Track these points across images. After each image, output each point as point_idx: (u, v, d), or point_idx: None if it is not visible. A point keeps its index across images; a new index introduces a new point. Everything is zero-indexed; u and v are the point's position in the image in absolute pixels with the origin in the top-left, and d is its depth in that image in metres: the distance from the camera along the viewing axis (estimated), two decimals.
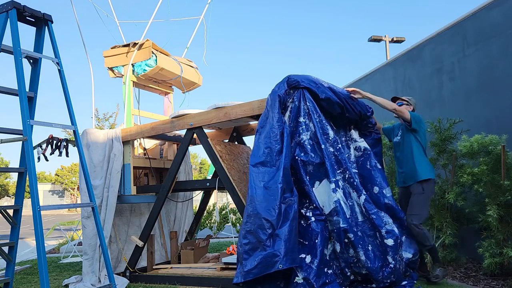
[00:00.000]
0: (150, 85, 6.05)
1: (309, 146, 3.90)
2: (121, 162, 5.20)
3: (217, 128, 5.94)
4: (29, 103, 3.71)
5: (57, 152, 4.19)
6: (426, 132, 4.43)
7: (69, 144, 4.24)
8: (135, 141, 5.62)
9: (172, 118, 4.99)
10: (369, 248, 3.76)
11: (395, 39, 15.58)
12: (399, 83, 7.23)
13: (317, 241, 3.68)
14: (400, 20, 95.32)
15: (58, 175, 50.88)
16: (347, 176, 3.92)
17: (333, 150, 3.92)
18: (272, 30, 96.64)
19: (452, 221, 5.00)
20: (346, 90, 4.33)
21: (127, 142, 5.30)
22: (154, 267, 5.37)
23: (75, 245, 8.15)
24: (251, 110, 4.41)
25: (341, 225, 3.68)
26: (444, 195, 4.97)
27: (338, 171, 3.88)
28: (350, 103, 4.11)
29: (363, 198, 3.89)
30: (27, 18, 3.79)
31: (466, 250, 5.19)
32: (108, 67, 5.85)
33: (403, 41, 15.87)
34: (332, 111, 4.07)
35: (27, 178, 3.57)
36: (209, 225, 10.86)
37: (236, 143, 5.71)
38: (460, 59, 5.78)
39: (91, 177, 4.98)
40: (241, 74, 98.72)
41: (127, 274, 5.12)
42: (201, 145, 4.88)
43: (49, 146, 4.18)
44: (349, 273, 3.80)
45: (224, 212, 11.33)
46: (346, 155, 4.11)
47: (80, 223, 7.94)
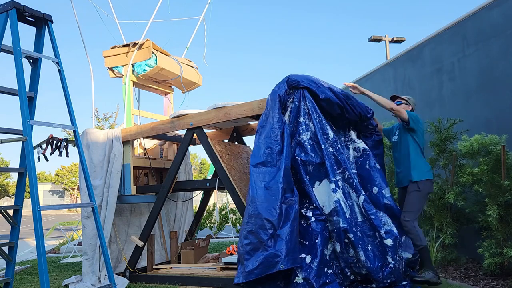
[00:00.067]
0: (150, 85, 6.05)
1: (309, 146, 3.90)
2: (121, 162, 5.20)
3: (217, 128, 5.94)
4: (29, 103, 3.71)
5: (57, 152, 4.19)
6: (424, 132, 4.36)
7: (69, 144, 4.24)
8: (135, 141, 5.62)
9: (172, 118, 4.99)
10: (369, 248, 3.76)
11: (395, 39, 15.58)
12: (399, 83, 7.23)
13: (317, 241, 3.69)
14: (400, 20, 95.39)
15: (58, 175, 50.86)
16: (346, 176, 3.92)
17: (332, 150, 3.92)
18: (272, 30, 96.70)
19: (452, 221, 5.01)
20: (344, 84, 4.35)
21: (127, 142, 5.31)
22: (154, 267, 5.37)
23: (75, 245, 8.15)
24: (251, 110, 4.41)
25: (341, 225, 3.68)
26: (444, 195, 4.97)
27: (337, 171, 3.88)
28: (350, 104, 4.11)
29: (362, 198, 3.89)
30: (27, 18, 3.79)
31: (466, 250, 5.19)
32: (108, 67, 5.85)
33: (403, 41, 15.87)
34: (332, 111, 4.07)
35: (27, 178, 3.57)
36: (209, 225, 10.87)
37: (236, 143, 5.71)
38: (460, 59, 5.78)
39: (91, 177, 4.98)
40: (241, 74, 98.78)
41: (127, 274, 5.12)
42: (201, 145, 4.88)
43: (49, 146, 4.18)
44: (349, 273, 3.80)
45: (224, 212, 11.33)
46: (345, 155, 4.11)
47: (80, 223, 7.95)
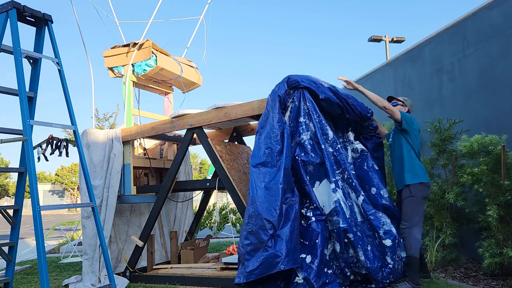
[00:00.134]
0: (150, 85, 6.05)
1: (309, 146, 3.89)
2: (121, 162, 5.20)
3: (217, 128, 5.94)
4: (29, 103, 3.71)
5: (57, 152, 4.19)
6: (419, 134, 4.24)
7: (69, 144, 4.24)
8: (135, 141, 5.62)
9: (172, 118, 4.99)
10: (368, 248, 3.77)
11: (395, 39, 15.58)
12: (399, 83, 7.23)
13: (317, 241, 3.69)
14: (400, 20, 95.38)
15: (58, 175, 50.87)
16: (346, 176, 3.92)
17: (332, 150, 3.92)
18: (272, 30, 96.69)
19: (452, 221, 5.01)
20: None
21: (127, 142, 5.30)
22: (154, 267, 5.37)
23: (75, 245, 8.15)
24: (251, 110, 4.41)
25: (341, 225, 3.68)
26: (444, 195, 4.97)
27: (337, 172, 3.87)
28: (350, 104, 4.11)
29: (361, 199, 3.89)
30: (27, 18, 3.79)
31: (466, 250, 5.19)
32: (108, 67, 5.85)
33: (403, 41, 15.87)
34: (332, 111, 4.07)
35: (27, 178, 3.57)
36: (209, 225, 10.87)
37: (236, 143, 5.71)
38: (460, 59, 5.78)
39: (91, 177, 4.98)
40: (241, 74, 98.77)
41: (127, 274, 5.12)
42: (201, 145, 4.88)
43: (49, 146, 4.18)
44: (349, 273, 3.80)
45: (224, 212, 11.33)
46: (344, 156, 4.11)
47: (80, 223, 7.94)
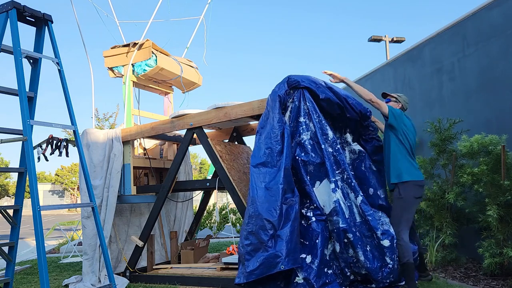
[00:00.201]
0: (150, 85, 6.05)
1: (309, 146, 3.89)
2: (121, 162, 5.20)
3: (217, 128, 5.94)
4: (29, 103, 3.71)
5: (57, 152, 4.19)
6: (413, 131, 4.05)
7: (69, 144, 4.24)
8: (135, 141, 5.62)
9: (172, 118, 4.99)
10: (368, 248, 3.77)
11: (395, 39, 15.57)
12: (399, 83, 7.23)
13: (317, 241, 3.69)
14: (400, 20, 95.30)
15: (58, 175, 50.86)
16: (345, 177, 3.92)
17: (332, 150, 3.92)
18: (272, 30, 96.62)
19: (452, 221, 5.01)
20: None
21: (127, 142, 5.31)
22: (154, 267, 5.37)
23: (75, 245, 8.15)
24: (251, 110, 4.41)
25: (341, 225, 3.68)
26: (444, 195, 4.97)
27: (337, 172, 3.88)
28: (350, 104, 4.11)
29: (360, 199, 3.89)
30: (27, 18, 3.79)
31: (466, 250, 5.19)
32: (108, 67, 5.85)
33: (403, 41, 15.87)
34: (332, 111, 4.07)
35: (27, 178, 3.57)
36: (209, 225, 10.87)
37: (236, 143, 5.71)
38: (460, 59, 5.78)
39: (91, 177, 4.98)
40: (241, 74, 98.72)
41: (127, 274, 5.12)
42: (201, 145, 4.88)
43: (49, 146, 4.18)
44: (349, 273, 3.80)
45: (224, 212, 11.33)
46: (343, 156, 4.11)
47: (80, 223, 7.95)
